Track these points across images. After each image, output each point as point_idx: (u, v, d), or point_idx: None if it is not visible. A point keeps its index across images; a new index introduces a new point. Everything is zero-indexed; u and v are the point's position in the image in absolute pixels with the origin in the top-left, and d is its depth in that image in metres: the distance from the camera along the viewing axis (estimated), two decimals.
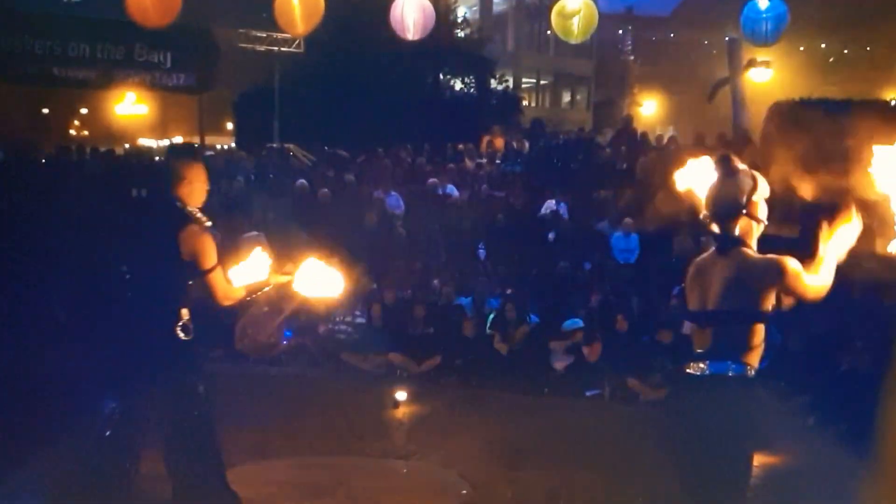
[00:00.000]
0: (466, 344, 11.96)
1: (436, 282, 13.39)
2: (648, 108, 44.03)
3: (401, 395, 10.14)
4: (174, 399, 6.01)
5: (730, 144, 18.65)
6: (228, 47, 23.48)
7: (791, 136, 18.00)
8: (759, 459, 4.38)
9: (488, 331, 12.15)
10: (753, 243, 4.36)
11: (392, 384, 10.76)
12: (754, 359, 4.24)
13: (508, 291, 12.81)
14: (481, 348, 11.89)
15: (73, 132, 40.35)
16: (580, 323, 11.74)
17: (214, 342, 11.56)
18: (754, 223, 4.35)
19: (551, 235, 14.86)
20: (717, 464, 4.21)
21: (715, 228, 4.39)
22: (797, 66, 32.24)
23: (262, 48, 24.24)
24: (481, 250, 14.70)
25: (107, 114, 31.27)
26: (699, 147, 18.72)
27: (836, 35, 35.93)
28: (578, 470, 7.92)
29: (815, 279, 4.32)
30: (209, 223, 5.98)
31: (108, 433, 6.02)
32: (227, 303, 6.01)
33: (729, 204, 4.32)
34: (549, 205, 15.64)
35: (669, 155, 18.14)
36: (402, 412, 9.95)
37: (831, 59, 38.65)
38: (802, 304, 4.44)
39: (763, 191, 4.38)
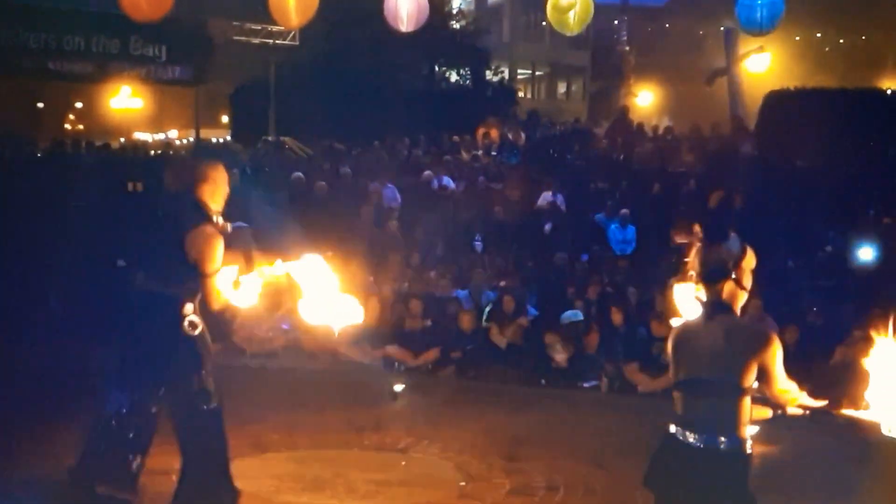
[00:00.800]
0: (464, 336, 11.96)
1: (433, 274, 13.39)
2: (644, 99, 43.90)
3: (398, 388, 10.14)
4: (183, 394, 6.03)
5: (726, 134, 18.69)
6: (224, 40, 23.47)
7: (787, 124, 18.07)
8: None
9: (485, 323, 12.15)
10: (738, 310, 4.33)
11: (390, 377, 10.76)
12: (745, 433, 4.19)
13: (504, 284, 12.82)
14: (479, 341, 11.89)
15: (68, 126, 40.31)
16: (580, 315, 11.73)
17: (213, 337, 11.56)
18: (740, 290, 4.30)
19: (548, 227, 14.88)
20: None
21: (701, 293, 4.35)
22: (793, 55, 32.22)
23: (258, 41, 24.22)
24: (478, 242, 14.71)
25: (102, 107, 31.27)
26: (695, 136, 18.80)
27: (832, 24, 35.92)
28: (576, 461, 7.93)
29: (787, 383, 4.30)
30: (227, 225, 5.99)
31: (113, 424, 6.03)
32: (216, 308, 6.01)
33: (717, 267, 4.28)
34: (546, 196, 15.64)
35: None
36: (399, 405, 9.95)
37: (827, 49, 38.63)
38: None
39: (751, 261, 4.34)
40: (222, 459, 6.19)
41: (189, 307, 5.97)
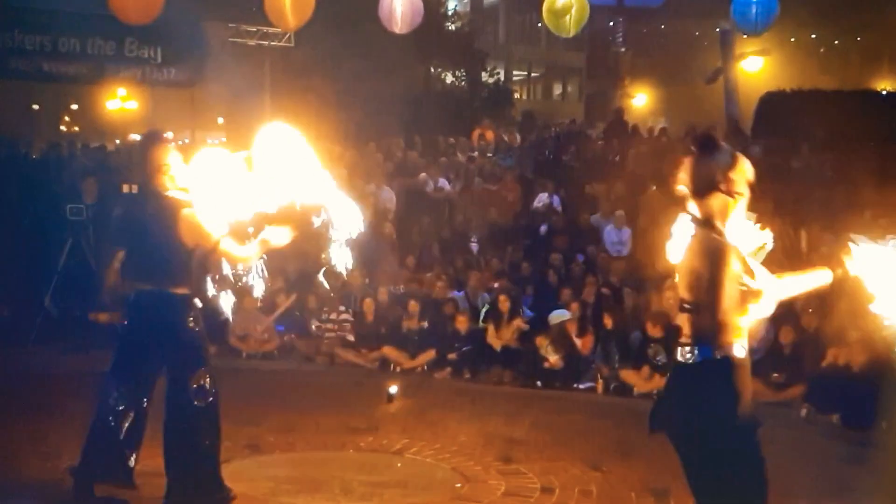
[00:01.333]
0: (460, 338, 11.97)
1: (428, 276, 13.40)
2: (640, 100, 43.99)
3: (394, 390, 10.14)
4: (179, 388, 6.06)
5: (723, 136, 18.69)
6: (219, 42, 23.41)
7: (781, 125, 18.11)
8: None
9: (481, 324, 12.17)
10: (728, 222, 4.26)
11: (386, 378, 10.77)
12: (732, 340, 4.16)
13: (500, 285, 12.83)
14: (474, 342, 11.91)
15: (63, 128, 40.26)
16: (567, 314, 11.75)
17: (208, 338, 11.57)
18: (731, 200, 4.23)
19: (543, 228, 14.88)
20: (712, 451, 4.17)
21: (691, 206, 4.30)
22: (788, 56, 32.25)
23: (253, 43, 24.16)
24: (474, 244, 14.71)
25: (97, 109, 31.21)
26: (690, 138, 18.80)
27: (827, 25, 35.94)
28: (572, 463, 7.93)
29: (759, 282, 4.26)
30: (193, 201, 5.94)
31: (111, 421, 6.04)
32: (247, 265, 6.01)
33: (705, 179, 4.23)
34: (542, 198, 15.65)
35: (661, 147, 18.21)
36: (395, 407, 9.96)
37: (822, 50, 38.67)
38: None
39: (744, 169, 4.27)
40: (214, 458, 6.21)
41: (196, 302, 6.04)
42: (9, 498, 6.42)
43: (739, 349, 4.17)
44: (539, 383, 11.37)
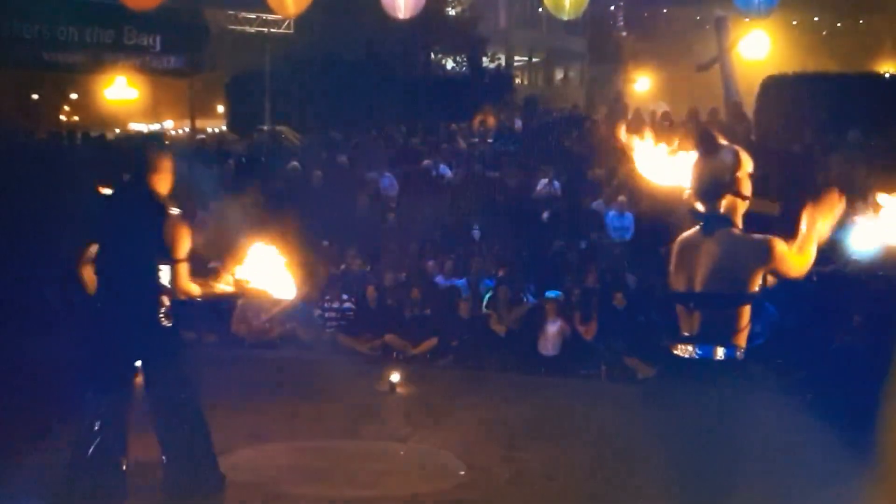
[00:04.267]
0: (462, 325, 11.95)
1: (431, 263, 13.36)
2: (642, 84, 43.84)
3: (397, 378, 10.12)
4: (161, 384, 6.05)
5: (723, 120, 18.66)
6: (218, 29, 23.37)
7: (784, 109, 18.04)
8: (752, 440, 4.30)
9: (485, 310, 12.14)
10: (739, 221, 4.25)
11: (388, 366, 10.75)
12: (742, 340, 4.16)
13: (502, 272, 12.80)
14: (477, 329, 11.88)
15: (63, 117, 40.22)
16: (557, 293, 11.74)
17: (210, 327, 11.58)
18: (739, 200, 4.22)
19: (546, 214, 14.83)
20: (709, 450, 4.14)
21: (700, 207, 4.26)
22: (790, 39, 32.13)
23: (253, 30, 24.09)
24: (476, 231, 14.67)
25: (97, 98, 31.12)
26: (692, 122, 18.75)
27: (829, 8, 35.86)
28: (576, 450, 7.92)
29: (799, 258, 4.23)
30: (179, 211, 6.09)
31: (97, 425, 5.99)
32: (182, 297, 6.08)
33: (713, 182, 4.19)
34: (544, 184, 15.60)
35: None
36: (398, 394, 9.94)
37: (824, 33, 38.58)
38: (797, 283, 4.36)
39: (747, 166, 4.25)
40: (206, 445, 6.22)
41: (165, 299, 6.03)
42: (8, 490, 6.40)
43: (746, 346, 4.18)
44: (543, 370, 11.35)
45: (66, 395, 6.22)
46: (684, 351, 4.21)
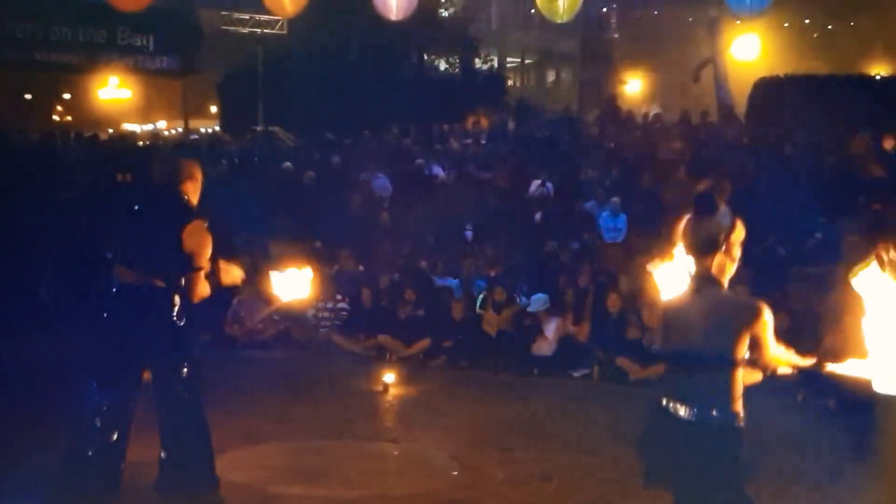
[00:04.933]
0: (455, 326, 11.96)
1: (423, 264, 13.38)
2: (633, 87, 43.94)
3: (390, 378, 10.14)
4: (169, 383, 6.10)
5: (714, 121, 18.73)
6: (212, 30, 23.37)
7: (776, 110, 18.11)
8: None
9: (478, 311, 12.15)
10: (726, 283, 4.29)
11: (382, 367, 10.76)
12: (738, 407, 4.16)
13: (495, 272, 12.81)
14: (470, 330, 11.90)
15: (56, 117, 40.13)
16: (544, 296, 11.77)
17: (204, 328, 11.56)
18: (729, 262, 4.27)
19: (538, 216, 14.85)
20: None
21: (691, 265, 4.32)
22: (782, 41, 32.19)
23: (246, 30, 24.13)
24: (468, 231, 14.69)
25: (90, 98, 31.12)
26: (684, 124, 18.81)
27: (820, 10, 35.87)
28: (570, 450, 7.94)
29: (778, 349, 4.26)
30: (205, 219, 6.14)
31: (98, 423, 6.01)
32: (196, 300, 6.15)
33: (707, 240, 4.24)
34: (536, 185, 15.62)
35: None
36: (392, 395, 9.96)
37: (815, 35, 38.63)
38: None
39: (741, 233, 4.30)
40: (205, 447, 6.24)
41: (177, 298, 6.05)
42: (2, 489, 6.41)
43: (740, 411, 4.16)
44: (536, 370, 11.37)
45: (59, 395, 6.24)
46: (676, 409, 4.21)
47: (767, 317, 4.17)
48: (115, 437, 6.05)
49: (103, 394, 6.05)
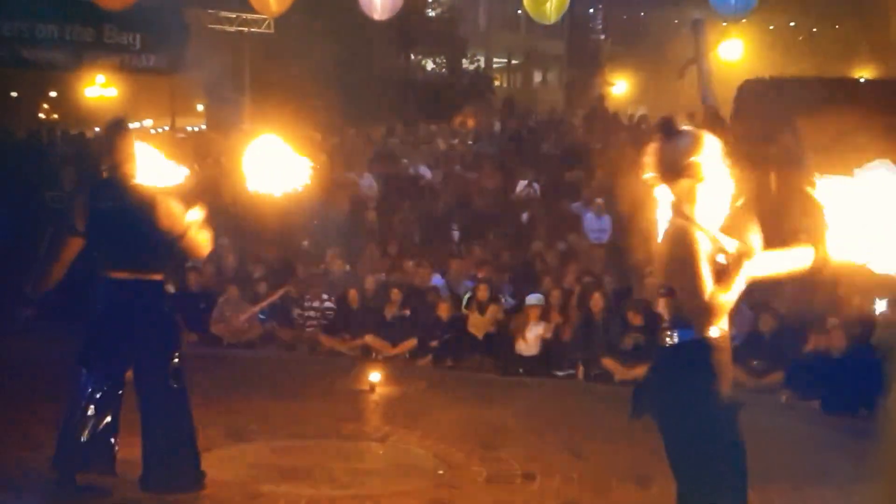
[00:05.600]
0: (441, 326, 11.99)
1: (410, 264, 13.40)
2: (620, 88, 44.00)
3: (376, 378, 10.16)
4: (158, 373, 6.12)
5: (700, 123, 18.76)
6: (198, 28, 23.30)
7: (760, 112, 18.14)
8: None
9: (464, 311, 12.18)
10: (694, 206, 4.18)
11: (368, 366, 10.78)
12: (714, 325, 4.11)
13: (481, 273, 12.85)
14: (456, 330, 11.93)
15: (42, 115, 39.93)
16: (539, 296, 11.81)
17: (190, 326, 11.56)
18: (696, 184, 4.17)
19: (525, 216, 14.89)
20: (693, 432, 4.14)
21: (660, 191, 4.29)
22: (766, 43, 32.31)
23: (233, 29, 24.06)
24: (455, 231, 14.72)
25: (77, 96, 31.01)
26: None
27: (805, 12, 35.99)
28: (553, 449, 7.97)
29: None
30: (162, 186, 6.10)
31: (90, 411, 6.03)
32: (204, 253, 6.31)
33: (668, 164, 4.22)
34: (523, 185, 15.66)
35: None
36: (378, 394, 9.98)
37: (800, 37, 38.77)
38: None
39: (710, 151, 4.20)
40: (190, 441, 6.26)
41: (170, 288, 6.06)
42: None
43: (715, 330, 4.13)
44: (521, 370, 11.41)
45: (48, 389, 6.23)
46: (663, 339, 4.26)
47: (699, 237, 4.09)
48: (107, 420, 6.08)
49: (94, 382, 6.07)
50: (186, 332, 11.47)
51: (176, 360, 6.18)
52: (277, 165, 6.17)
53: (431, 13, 35.10)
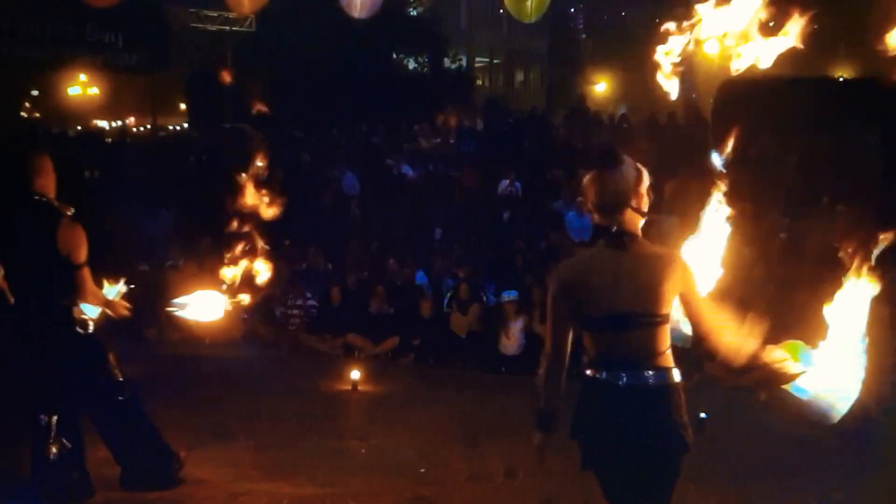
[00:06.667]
0: (423, 324, 12.01)
1: (392, 262, 13.42)
2: (601, 87, 44.08)
3: (358, 376, 10.17)
4: (98, 393, 6.03)
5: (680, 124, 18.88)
6: (180, 27, 23.28)
7: (741, 112, 18.21)
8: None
9: (446, 309, 12.21)
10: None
11: (350, 365, 10.80)
12: (671, 364, 4.00)
13: (462, 273, 12.87)
14: (438, 329, 11.96)
15: (24, 114, 39.73)
16: (514, 293, 11.83)
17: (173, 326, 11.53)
18: (638, 216, 4.05)
19: (506, 215, 14.93)
20: (656, 478, 4.07)
21: (602, 221, 4.08)
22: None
23: (214, 28, 24.03)
24: (437, 230, 14.75)
25: (58, 95, 30.87)
26: (651, 125, 18.94)
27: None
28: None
29: (717, 310, 4.06)
30: (72, 213, 5.80)
31: (51, 445, 5.93)
32: (92, 302, 5.85)
33: (614, 195, 4.01)
34: (504, 184, 15.70)
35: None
36: (360, 393, 9.99)
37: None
38: None
39: (646, 182, 4.10)
40: (154, 444, 6.29)
41: (77, 310, 5.83)
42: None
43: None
44: (503, 368, 11.44)
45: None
46: (607, 376, 4.07)
47: (687, 267, 4.01)
48: (72, 448, 5.98)
49: (47, 416, 5.91)
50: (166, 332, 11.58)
51: (110, 375, 6.01)
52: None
53: (413, 12, 35.07)
